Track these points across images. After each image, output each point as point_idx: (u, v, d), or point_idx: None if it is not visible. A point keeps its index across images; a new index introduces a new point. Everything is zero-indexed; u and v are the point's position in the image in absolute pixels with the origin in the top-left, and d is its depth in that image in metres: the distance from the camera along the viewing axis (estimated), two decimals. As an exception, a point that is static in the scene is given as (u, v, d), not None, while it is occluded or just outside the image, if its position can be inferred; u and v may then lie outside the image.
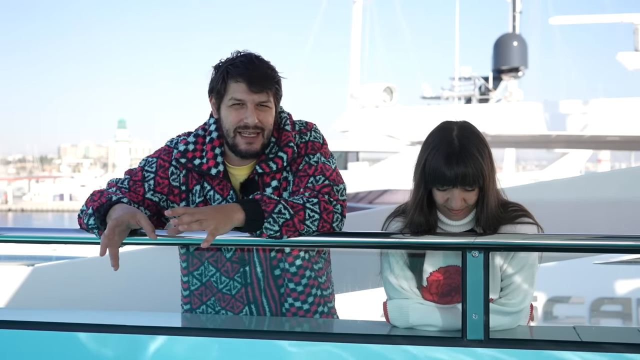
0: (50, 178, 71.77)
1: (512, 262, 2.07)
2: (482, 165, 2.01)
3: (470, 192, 2.03)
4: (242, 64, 2.17)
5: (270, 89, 2.19)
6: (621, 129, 11.97)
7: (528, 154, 41.16)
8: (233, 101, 2.17)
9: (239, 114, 2.17)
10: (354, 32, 20.47)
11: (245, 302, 2.27)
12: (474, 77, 18.56)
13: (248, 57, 2.21)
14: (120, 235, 2.03)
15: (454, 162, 1.98)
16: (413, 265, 2.13)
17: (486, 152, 2.05)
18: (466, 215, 2.09)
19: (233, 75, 2.17)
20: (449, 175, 1.99)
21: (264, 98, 2.17)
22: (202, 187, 2.25)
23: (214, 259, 2.28)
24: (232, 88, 2.17)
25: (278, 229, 2.00)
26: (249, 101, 2.16)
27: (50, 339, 2.12)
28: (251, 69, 2.16)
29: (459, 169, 1.98)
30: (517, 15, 17.49)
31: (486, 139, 2.10)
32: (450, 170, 1.98)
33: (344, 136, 21.75)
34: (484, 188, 2.03)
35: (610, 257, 5.39)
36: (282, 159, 2.22)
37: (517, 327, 2.08)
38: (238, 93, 2.16)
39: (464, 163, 1.98)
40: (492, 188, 2.05)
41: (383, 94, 15.74)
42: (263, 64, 2.21)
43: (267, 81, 2.18)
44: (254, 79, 2.15)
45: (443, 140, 2.03)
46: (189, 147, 2.27)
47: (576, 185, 3.29)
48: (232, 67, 2.18)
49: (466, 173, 1.98)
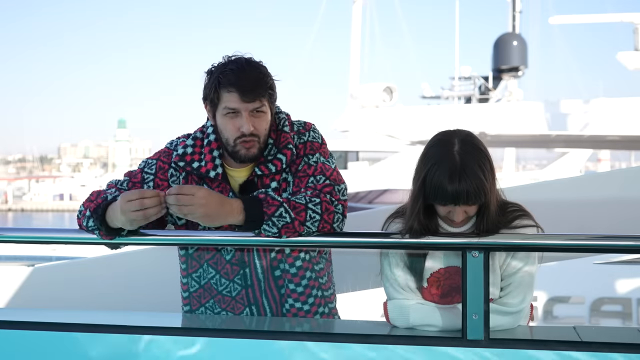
0: (50, 178, 71.78)
1: (511, 262, 2.07)
2: (484, 181, 1.98)
3: (472, 206, 2.03)
4: (232, 73, 2.14)
5: (264, 95, 2.16)
6: (621, 128, 11.97)
7: (528, 153, 41.24)
8: (227, 110, 2.16)
9: (235, 122, 2.16)
10: (353, 32, 20.47)
11: (246, 304, 2.26)
12: (474, 76, 18.55)
13: (239, 63, 2.16)
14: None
15: (456, 181, 1.95)
16: (413, 265, 2.13)
17: (487, 167, 2.01)
18: (466, 223, 2.09)
19: (225, 85, 2.14)
20: (451, 194, 1.96)
21: (257, 105, 2.16)
22: None
23: (214, 260, 2.27)
24: (224, 97, 2.16)
25: (277, 231, 2.00)
26: (243, 109, 2.15)
27: (50, 339, 2.11)
28: (242, 77, 2.13)
29: (460, 187, 1.95)
30: (517, 14, 17.50)
31: (486, 147, 2.07)
32: (452, 189, 1.95)
33: (344, 136, 21.76)
34: (485, 201, 2.03)
35: (610, 257, 5.39)
36: (281, 160, 2.22)
37: (517, 327, 2.08)
38: (231, 102, 2.15)
39: (465, 182, 1.95)
40: (493, 198, 2.05)
41: (383, 94, 15.74)
42: (254, 69, 2.17)
43: (259, 88, 2.15)
44: (246, 88, 2.13)
45: (444, 156, 1.99)
46: (187, 150, 2.26)
47: (576, 185, 3.29)
48: (223, 76, 2.14)
49: (469, 191, 1.96)
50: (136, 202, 2.01)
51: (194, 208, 1.98)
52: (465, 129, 2.11)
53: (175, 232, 2.25)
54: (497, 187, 2.08)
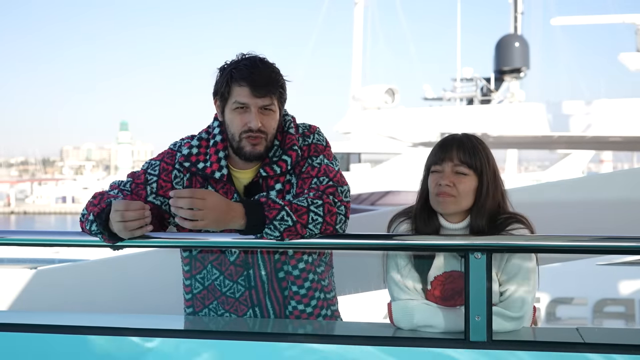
0: (53, 180, 71.92)
1: (506, 269, 2.07)
2: (480, 155, 2.09)
3: (462, 177, 2.05)
4: (245, 68, 2.16)
5: (274, 93, 2.18)
6: (624, 129, 11.94)
7: (530, 154, 41.18)
8: (237, 104, 2.17)
9: (243, 117, 2.17)
10: (355, 34, 20.48)
11: (250, 305, 2.26)
12: (476, 78, 18.52)
13: (252, 60, 2.19)
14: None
15: (450, 140, 2.13)
16: (419, 267, 2.14)
17: (486, 153, 2.12)
18: (454, 207, 2.10)
19: (237, 79, 2.16)
20: (443, 146, 2.12)
21: (267, 102, 2.17)
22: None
23: (218, 262, 2.27)
24: (235, 92, 2.17)
25: (279, 235, 2.00)
26: (253, 105, 2.16)
27: (53, 341, 2.12)
28: (255, 72, 2.16)
29: (454, 143, 2.11)
30: (519, 16, 17.47)
31: (488, 143, 2.15)
32: (445, 143, 2.13)
33: (346, 138, 21.75)
34: (479, 188, 2.05)
35: (613, 259, 5.38)
36: (286, 162, 2.22)
37: (520, 329, 2.07)
38: (242, 97, 2.16)
39: (460, 142, 2.11)
40: (489, 193, 2.07)
41: (385, 96, 15.76)
42: (267, 67, 2.20)
43: (271, 85, 2.17)
44: (258, 83, 2.15)
45: (445, 138, 2.16)
46: (192, 150, 2.27)
47: (578, 186, 3.28)
48: (236, 70, 2.17)
49: (460, 146, 2.10)
50: (118, 214, 2.00)
51: (205, 213, 1.94)
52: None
53: (178, 234, 2.25)
54: (500, 190, 2.11)
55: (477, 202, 2.08)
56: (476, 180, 2.09)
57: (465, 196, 2.08)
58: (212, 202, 1.96)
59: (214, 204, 1.96)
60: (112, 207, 2.03)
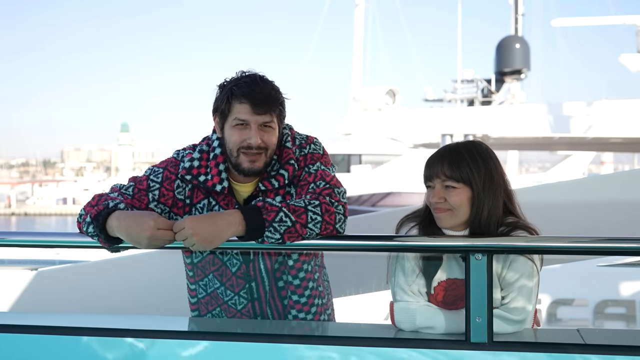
0: (54, 182, 71.94)
1: (509, 272, 2.06)
2: (467, 165, 2.07)
3: (452, 190, 2.05)
4: (246, 85, 2.18)
5: (274, 110, 2.19)
6: (624, 130, 11.94)
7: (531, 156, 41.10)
8: (237, 121, 2.18)
9: (242, 134, 2.18)
10: (356, 35, 20.51)
11: (251, 316, 2.29)
12: (477, 79, 18.52)
13: (252, 77, 2.21)
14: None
15: (434, 156, 2.12)
16: (424, 272, 2.14)
17: (481, 161, 2.09)
18: (453, 221, 2.10)
19: (237, 96, 2.17)
20: (429, 163, 2.12)
21: (267, 119, 2.18)
22: (209, 202, 2.25)
23: (219, 272, 2.29)
24: (236, 109, 2.18)
25: (279, 237, 2.00)
26: (253, 122, 2.17)
27: (54, 343, 2.12)
28: (255, 90, 2.17)
29: (437, 159, 2.10)
30: (520, 17, 17.46)
31: (489, 144, 2.13)
32: (430, 160, 2.12)
33: (347, 139, 21.78)
34: (474, 198, 2.05)
35: (613, 260, 5.38)
36: (284, 176, 2.23)
37: (521, 330, 2.07)
38: (242, 114, 2.17)
39: (448, 157, 2.09)
40: (483, 200, 2.06)
41: (385, 97, 15.74)
42: (267, 85, 2.21)
43: (271, 103, 2.19)
44: (258, 101, 2.16)
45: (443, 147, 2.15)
46: (194, 163, 2.27)
47: (579, 188, 3.28)
48: (237, 87, 2.18)
49: (443, 161, 2.08)
50: (150, 229, 1.97)
51: (190, 240, 1.96)
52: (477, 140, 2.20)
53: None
54: (500, 194, 2.10)
55: (473, 210, 2.08)
56: (468, 190, 2.08)
57: (460, 208, 2.08)
58: (189, 227, 1.95)
59: (191, 228, 1.95)
60: (144, 217, 2.01)
